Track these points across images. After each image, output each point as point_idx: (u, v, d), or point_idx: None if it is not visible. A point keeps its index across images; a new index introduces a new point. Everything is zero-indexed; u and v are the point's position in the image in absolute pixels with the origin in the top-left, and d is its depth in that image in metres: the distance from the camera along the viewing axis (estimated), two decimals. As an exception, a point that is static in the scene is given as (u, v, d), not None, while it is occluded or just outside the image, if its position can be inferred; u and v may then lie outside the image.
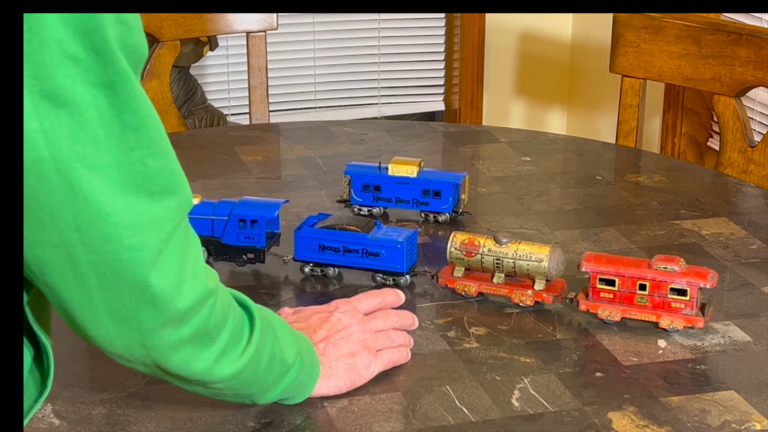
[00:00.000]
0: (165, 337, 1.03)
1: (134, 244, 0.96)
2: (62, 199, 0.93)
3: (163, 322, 1.02)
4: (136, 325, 1.01)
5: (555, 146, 2.07)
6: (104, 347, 1.04)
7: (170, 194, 0.98)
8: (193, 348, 1.06)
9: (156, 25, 2.26)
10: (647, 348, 1.37)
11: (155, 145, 0.97)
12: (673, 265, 1.39)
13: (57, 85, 0.89)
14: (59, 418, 1.22)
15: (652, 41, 2.15)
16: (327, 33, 3.66)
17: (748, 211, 1.79)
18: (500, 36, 3.69)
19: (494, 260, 1.45)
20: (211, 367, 1.08)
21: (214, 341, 1.08)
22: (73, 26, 0.89)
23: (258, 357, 1.13)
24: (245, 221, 1.52)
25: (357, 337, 1.28)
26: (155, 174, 0.97)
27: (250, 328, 1.13)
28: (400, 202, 1.71)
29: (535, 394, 1.27)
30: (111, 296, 0.99)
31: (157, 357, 1.05)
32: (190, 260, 1.02)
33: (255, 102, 2.35)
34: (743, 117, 2.07)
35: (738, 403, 1.26)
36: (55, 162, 0.91)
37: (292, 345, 1.19)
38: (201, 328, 1.05)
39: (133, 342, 1.02)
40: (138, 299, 0.99)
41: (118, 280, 0.98)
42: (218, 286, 1.08)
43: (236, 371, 1.11)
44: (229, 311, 1.10)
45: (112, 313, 1.00)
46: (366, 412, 1.24)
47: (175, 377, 1.09)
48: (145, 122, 0.95)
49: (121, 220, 0.95)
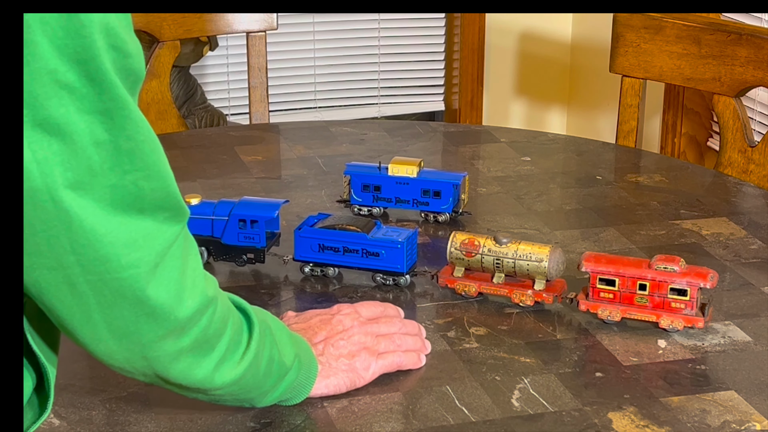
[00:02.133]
0: (166, 348, 1.03)
1: (131, 261, 0.97)
2: (58, 225, 0.93)
3: (163, 334, 1.02)
4: (137, 338, 1.01)
5: (555, 146, 2.07)
6: (105, 361, 1.04)
7: (161, 210, 0.98)
8: (193, 357, 1.06)
9: (156, 25, 2.26)
10: (647, 348, 1.37)
11: (150, 169, 0.97)
12: (673, 265, 1.39)
13: (50, 114, 0.89)
14: (59, 418, 1.22)
15: (652, 41, 2.15)
16: (327, 33, 3.66)
17: (748, 211, 1.79)
18: (500, 36, 3.69)
19: (494, 260, 1.45)
20: (211, 374, 1.09)
21: (214, 349, 1.08)
22: (67, 56, 0.88)
23: (257, 361, 1.13)
24: (245, 221, 1.52)
25: (357, 339, 1.28)
26: (148, 195, 0.97)
27: (248, 333, 1.13)
28: (400, 202, 1.71)
29: (535, 394, 1.27)
30: (110, 313, 0.99)
31: (158, 368, 1.05)
32: (189, 269, 1.02)
33: (255, 102, 2.35)
34: (743, 117, 2.07)
35: (738, 403, 1.26)
36: (48, 191, 0.91)
37: (290, 347, 1.19)
38: (201, 336, 1.05)
39: (134, 355, 1.03)
40: (138, 313, 1.00)
41: (117, 297, 0.98)
42: (218, 294, 1.08)
43: (236, 377, 1.11)
44: (229, 317, 1.10)
45: (112, 329, 1.00)
46: (366, 412, 1.24)
47: (176, 386, 1.10)
48: (141, 147, 0.95)
49: (116, 239, 0.95)
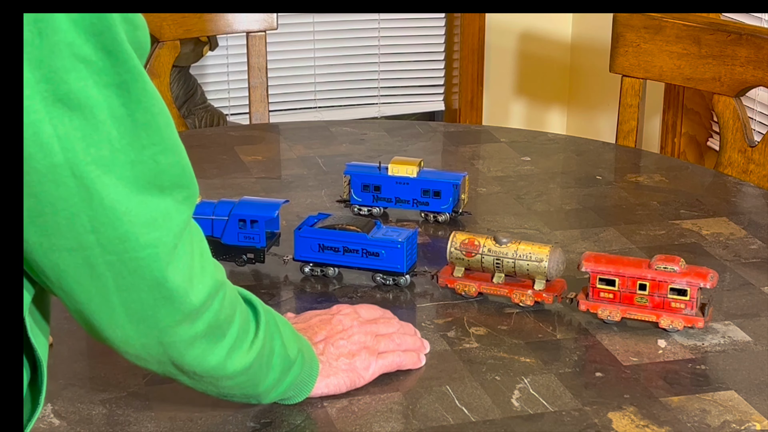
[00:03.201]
0: (181, 333, 1.04)
1: (150, 241, 0.97)
2: (79, 202, 0.93)
3: (180, 318, 1.02)
4: (154, 323, 1.01)
5: (555, 146, 2.07)
6: (121, 348, 1.04)
7: (179, 188, 0.99)
8: (206, 343, 1.07)
9: (156, 25, 2.26)
10: (647, 348, 1.37)
11: (166, 142, 0.98)
12: (673, 265, 1.39)
13: (70, 88, 0.89)
14: (59, 418, 1.22)
15: (652, 41, 2.15)
16: (327, 33, 3.66)
17: (748, 211, 1.79)
18: (500, 36, 3.69)
19: (494, 260, 1.45)
20: (223, 361, 1.09)
21: (225, 335, 1.08)
22: (83, 28, 0.89)
23: (264, 351, 1.13)
24: (245, 221, 1.52)
25: (357, 339, 1.28)
26: (167, 170, 0.97)
27: (255, 322, 1.13)
28: (400, 202, 1.71)
29: (535, 394, 1.27)
30: (128, 296, 0.99)
31: (174, 354, 1.05)
32: (197, 254, 1.03)
33: (255, 102, 2.35)
34: (743, 117, 2.07)
35: (738, 403, 1.26)
36: (70, 166, 0.91)
37: (294, 342, 1.20)
38: (214, 321, 1.06)
39: (150, 340, 1.03)
40: (155, 297, 1.00)
41: (136, 279, 0.98)
42: (226, 280, 1.09)
43: (246, 365, 1.11)
44: (237, 304, 1.10)
45: (130, 313, 1.00)
46: (366, 412, 1.24)
47: (188, 374, 1.10)
48: (156, 119, 0.96)
49: (136, 218, 0.95)
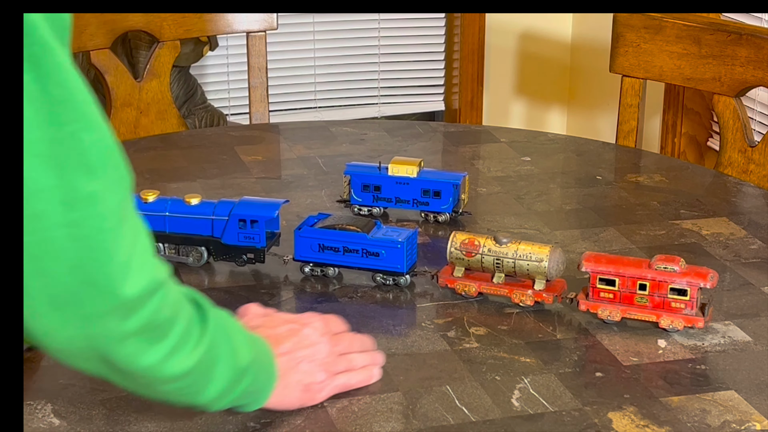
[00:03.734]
0: (111, 326, 0.98)
1: (69, 221, 0.92)
2: None
3: (107, 308, 0.97)
4: (77, 308, 0.96)
5: (555, 146, 2.07)
6: (45, 341, 0.99)
7: (109, 168, 0.94)
8: (142, 342, 1.02)
9: (156, 25, 2.26)
10: (647, 348, 1.37)
11: (88, 118, 0.93)
12: (673, 265, 1.39)
13: None
14: (59, 418, 1.22)
15: (652, 41, 2.15)
16: (327, 33, 3.65)
17: (748, 211, 1.79)
18: (500, 36, 3.69)
19: (494, 260, 1.45)
20: (160, 363, 1.04)
21: (166, 336, 1.03)
22: None
23: (208, 358, 1.09)
24: (245, 221, 1.52)
25: (320, 358, 1.25)
26: (90, 148, 0.93)
27: (201, 328, 1.08)
28: (400, 202, 1.71)
29: (535, 394, 1.27)
30: (48, 280, 0.94)
31: (103, 348, 1.00)
32: (136, 247, 0.98)
33: (255, 102, 2.35)
34: (743, 117, 2.07)
35: (738, 403, 1.26)
36: None
37: (248, 350, 1.15)
38: (151, 320, 1.01)
39: (75, 332, 0.98)
40: (78, 280, 0.95)
41: (54, 261, 0.93)
42: (169, 280, 1.04)
43: (185, 370, 1.07)
44: (181, 307, 1.05)
45: (51, 299, 0.95)
46: (366, 412, 1.24)
47: (121, 373, 1.05)
48: (74, 95, 0.91)
49: (53, 196, 0.91)
